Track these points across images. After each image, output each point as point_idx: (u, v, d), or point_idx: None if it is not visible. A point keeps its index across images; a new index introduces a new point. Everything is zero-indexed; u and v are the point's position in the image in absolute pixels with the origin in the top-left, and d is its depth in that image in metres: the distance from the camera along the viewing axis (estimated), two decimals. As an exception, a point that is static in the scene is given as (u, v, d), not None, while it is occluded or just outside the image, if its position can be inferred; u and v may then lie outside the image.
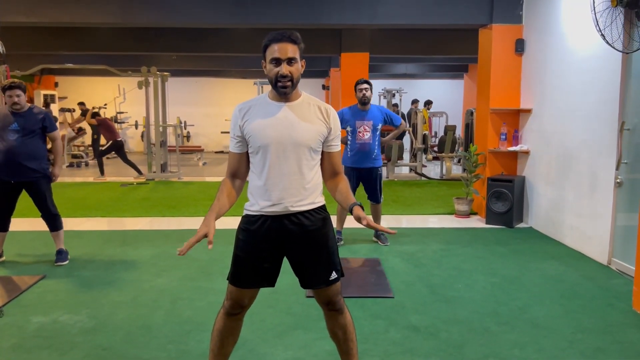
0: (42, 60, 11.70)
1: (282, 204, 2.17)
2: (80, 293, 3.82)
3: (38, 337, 3.05)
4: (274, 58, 2.12)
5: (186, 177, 10.60)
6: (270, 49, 2.14)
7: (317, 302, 2.36)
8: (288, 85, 2.14)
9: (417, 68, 15.49)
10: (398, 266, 4.53)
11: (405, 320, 3.34)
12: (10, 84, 4.29)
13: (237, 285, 2.24)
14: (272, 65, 2.14)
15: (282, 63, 2.12)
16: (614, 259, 4.52)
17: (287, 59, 2.12)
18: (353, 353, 2.36)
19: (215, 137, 18.15)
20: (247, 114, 2.21)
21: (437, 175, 11.12)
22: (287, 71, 2.12)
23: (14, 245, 5.05)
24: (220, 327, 2.29)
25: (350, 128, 5.03)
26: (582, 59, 5.10)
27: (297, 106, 2.21)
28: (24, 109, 4.36)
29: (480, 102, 6.82)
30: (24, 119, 4.33)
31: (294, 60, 2.14)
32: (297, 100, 2.23)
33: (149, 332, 3.13)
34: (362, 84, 5.02)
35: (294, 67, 2.14)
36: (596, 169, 4.82)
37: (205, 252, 4.94)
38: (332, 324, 2.35)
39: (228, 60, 13.96)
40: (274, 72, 2.13)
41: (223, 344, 2.31)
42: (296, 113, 2.19)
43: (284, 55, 2.11)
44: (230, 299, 2.26)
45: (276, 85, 2.14)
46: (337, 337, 2.35)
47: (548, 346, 2.98)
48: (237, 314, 2.29)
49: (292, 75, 2.13)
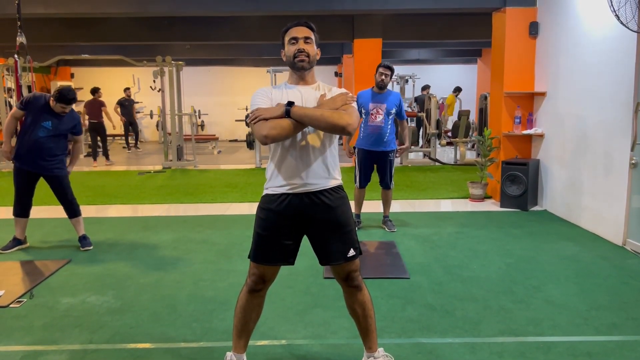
0: (58, 51, 11.84)
1: (303, 183, 2.26)
2: (105, 276, 3.94)
3: (68, 317, 3.17)
4: (292, 37, 2.29)
5: (202, 165, 10.73)
6: (288, 32, 2.33)
7: (337, 280, 2.43)
8: (305, 60, 2.28)
9: (430, 53, 15.42)
10: (413, 248, 4.60)
11: (422, 299, 3.42)
12: (68, 97, 4.31)
13: (258, 261, 2.32)
14: (290, 45, 2.30)
15: (300, 40, 2.28)
16: (629, 240, 4.55)
17: (304, 37, 2.29)
18: (372, 329, 2.44)
19: (229, 126, 18.24)
20: (273, 92, 2.33)
21: (450, 160, 11.12)
22: (303, 46, 2.27)
23: (38, 232, 5.20)
24: (243, 304, 2.38)
25: (364, 110, 5.06)
26: (596, 40, 5.08)
27: (313, 89, 2.33)
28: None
29: (494, 86, 6.82)
30: (59, 121, 4.44)
31: (309, 39, 2.30)
32: (313, 84, 2.36)
33: (174, 312, 3.24)
34: (384, 68, 5.01)
35: (309, 46, 2.29)
36: (611, 150, 4.83)
37: (224, 236, 5.05)
38: (351, 301, 2.42)
39: (241, 48, 14.02)
40: (292, 50, 2.28)
41: (246, 320, 2.40)
42: (314, 94, 2.31)
43: (301, 34, 2.29)
44: (252, 275, 2.35)
45: (294, 61, 2.28)
46: (356, 314, 2.42)
47: (563, 323, 3.04)
48: (259, 291, 2.37)
49: (308, 52, 2.28)
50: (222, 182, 8.46)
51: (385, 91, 5.08)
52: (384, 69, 5.01)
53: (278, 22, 10.59)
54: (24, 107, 4.44)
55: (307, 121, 2.17)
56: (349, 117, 2.18)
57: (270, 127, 2.15)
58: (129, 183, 8.55)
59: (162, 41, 11.22)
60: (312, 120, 2.17)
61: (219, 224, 5.61)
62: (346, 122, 2.16)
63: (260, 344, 2.79)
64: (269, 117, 2.17)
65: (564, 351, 2.68)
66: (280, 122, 2.16)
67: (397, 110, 5.12)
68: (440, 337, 2.87)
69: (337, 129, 2.18)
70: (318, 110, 2.19)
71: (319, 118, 2.16)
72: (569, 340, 2.81)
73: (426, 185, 8.03)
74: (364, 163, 5.18)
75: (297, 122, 2.17)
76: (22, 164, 4.45)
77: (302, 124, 2.18)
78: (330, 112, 2.18)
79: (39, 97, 4.46)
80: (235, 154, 13.50)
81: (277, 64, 15.25)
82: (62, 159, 4.54)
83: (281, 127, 2.15)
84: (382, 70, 5.01)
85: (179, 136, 10.72)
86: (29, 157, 4.41)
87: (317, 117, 2.16)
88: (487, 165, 6.68)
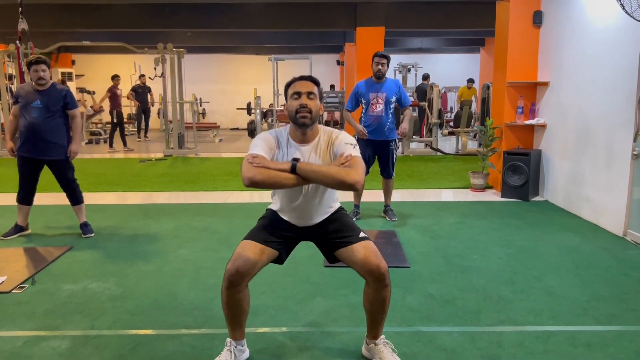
0: (59, 38, 11.80)
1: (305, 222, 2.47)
2: (106, 263, 3.96)
3: (70, 303, 3.19)
4: (295, 92, 2.32)
5: (203, 154, 10.73)
6: (292, 86, 2.35)
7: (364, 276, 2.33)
8: (307, 116, 2.29)
9: (433, 42, 15.34)
10: (414, 238, 4.61)
11: (422, 288, 3.43)
12: (36, 59, 4.38)
13: (250, 238, 2.35)
14: (292, 100, 2.31)
15: (303, 95, 2.30)
16: (630, 231, 4.55)
17: (307, 92, 2.30)
18: (382, 322, 2.45)
19: (230, 114, 18.22)
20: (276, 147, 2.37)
21: (452, 150, 11.11)
22: (306, 102, 2.28)
23: (40, 218, 5.21)
24: (225, 300, 2.32)
25: (364, 100, 5.04)
26: (600, 30, 5.05)
27: (315, 147, 2.37)
28: (48, 85, 4.45)
29: (497, 76, 6.79)
30: (47, 97, 4.42)
31: (313, 94, 2.32)
32: (314, 140, 2.38)
33: (175, 299, 3.26)
34: (380, 58, 4.98)
35: (312, 102, 2.30)
36: (613, 141, 4.81)
37: (225, 225, 5.06)
38: (373, 296, 2.34)
39: (243, 36, 13.95)
40: (294, 105, 2.29)
41: (233, 314, 2.37)
42: (316, 153, 2.36)
43: (305, 89, 2.32)
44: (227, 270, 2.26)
45: (296, 116, 2.29)
46: (373, 307, 2.38)
47: (562, 313, 3.05)
48: (237, 285, 2.26)
49: (311, 108, 2.28)
50: (223, 171, 8.46)
51: (384, 80, 5.05)
52: (379, 58, 4.97)
53: (280, 10, 10.54)
54: (16, 100, 4.48)
55: (313, 177, 2.21)
56: (356, 174, 2.20)
57: (258, 172, 2.17)
58: (130, 171, 8.56)
59: (164, 28, 11.19)
60: (319, 177, 2.20)
61: (220, 212, 5.62)
62: (354, 179, 2.19)
63: (261, 331, 2.80)
64: (274, 168, 2.20)
65: (563, 341, 2.70)
66: (278, 174, 2.19)
67: (397, 98, 5.08)
68: (440, 326, 2.88)
69: (344, 186, 2.20)
70: (325, 167, 2.23)
71: (326, 175, 2.19)
72: (568, 330, 2.82)
73: (427, 175, 8.03)
74: (365, 153, 5.15)
75: (301, 178, 2.21)
76: (23, 151, 4.45)
77: (305, 180, 2.22)
78: (337, 169, 2.21)
79: (25, 84, 4.57)
80: (236, 143, 13.50)
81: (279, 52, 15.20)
82: (63, 144, 4.52)
83: (271, 177, 2.18)
84: (377, 59, 4.98)
85: (180, 124, 10.71)
86: (28, 144, 4.41)
87: (324, 174, 2.19)
88: (488, 155, 6.67)
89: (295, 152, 2.34)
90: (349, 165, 2.23)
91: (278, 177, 2.18)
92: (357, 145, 2.36)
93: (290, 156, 2.34)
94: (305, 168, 2.19)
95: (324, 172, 2.19)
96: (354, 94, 5.15)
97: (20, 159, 4.49)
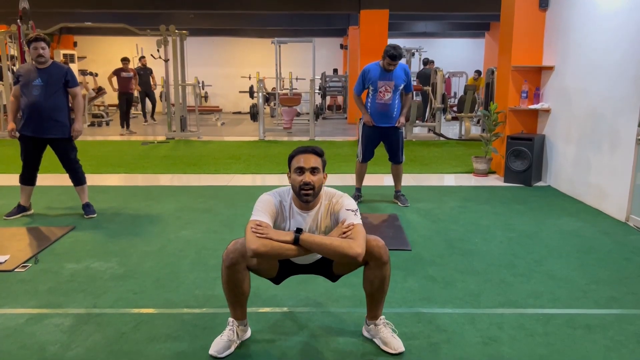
0: (61, 18, 11.72)
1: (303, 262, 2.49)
2: (109, 243, 3.97)
3: (72, 282, 3.21)
4: (298, 167, 2.32)
5: (205, 137, 10.71)
6: (296, 159, 2.35)
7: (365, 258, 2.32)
8: (310, 194, 2.31)
9: (438, 26, 15.22)
10: (416, 221, 4.61)
11: (423, 271, 3.44)
12: (35, 36, 4.37)
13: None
14: (296, 174, 2.33)
15: (306, 172, 2.30)
16: (632, 216, 4.54)
17: (311, 168, 2.32)
18: (382, 301, 2.47)
19: (232, 98, 18.16)
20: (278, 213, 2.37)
21: (455, 135, 11.07)
22: (309, 179, 2.29)
23: (42, 199, 5.23)
24: (226, 279, 2.35)
25: (372, 87, 4.96)
26: (607, 15, 4.99)
27: (316, 215, 2.39)
28: (48, 63, 4.43)
29: (501, 60, 6.74)
30: (47, 75, 4.41)
31: (316, 170, 2.33)
32: (316, 207, 2.39)
33: (177, 279, 3.27)
34: (390, 60, 4.76)
35: (316, 177, 2.32)
36: (618, 126, 4.79)
37: (227, 207, 5.07)
38: (373, 275, 2.36)
39: (246, 18, 13.85)
40: (298, 181, 2.31)
41: (234, 293, 2.39)
42: (315, 223, 2.38)
43: (308, 164, 2.32)
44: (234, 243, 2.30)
45: (300, 193, 2.31)
46: (373, 286, 2.39)
47: (563, 296, 3.06)
48: (235, 264, 2.29)
49: (314, 184, 2.30)
50: (226, 154, 8.45)
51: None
52: (390, 60, 4.77)
53: None
54: (17, 80, 4.47)
55: (316, 249, 2.22)
56: (357, 247, 2.19)
57: (262, 244, 2.17)
58: (132, 153, 8.56)
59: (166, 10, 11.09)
60: (322, 249, 2.21)
61: (222, 194, 5.63)
62: (355, 252, 2.17)
63: (262, 311, 2.82)
64: (277, 240, 2.20)
65: (563, 323, 2.71)
66: (282, 246, 2.19)
67: (405, 84, 5.01)
68: (440, 307, 2.89)
69: (346, 259, 2.20)
70: (327, 239, 2.23)
71: (329, 247, 2.19)
72: (568, 313, 2.83)
73: (430, 159, 8.01)
74: (370, 139, 5.13)
75: (302, 249, 2.21)
76: (25, 130, 4.44)
77: (307, 251, 2.23)
78: (339, 241, 2.20)
79: (26, 63, 4.60)
80: (238, 126, 13.47)
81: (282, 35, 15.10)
82: (65, 123, 4.51)
83: (275, 248, 2.18)
84: (388, 61, 4.78)
85: (182, 107, 10.68)
86: (30, 122, 4.40)
87: (327, 247, 2.20)
88: (492, 140, 6.65)
89: (299, 221, 2.36)
90: (350, 235, 2.23)
91: (281, 248, 2.20)
92: (358, 211, 2.35)
93: (292, 223, 2.36)
94: (308, 240, 2.20)
95: (326, 244, 2.20)
96: (362, 77, 5.04)
97: (23, 138, 4.49)
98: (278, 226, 2.38)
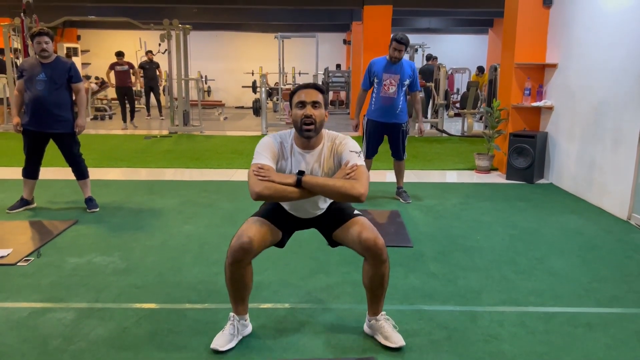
0: (64, 11, 11.71)
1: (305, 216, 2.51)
2: (111, 237, 3.98)
3: (75, 276, 3.22)
4: (299, 101, 2.30)
5: (208, 131, 10.71)
6: (297, 94, 2.33)
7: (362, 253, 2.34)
8: (311, 129, 2.29)
9: (441, 22, 15.16)
10: (417, 218, 4.61)
11: (425, 267, 3.44)
12: (39, 31, 4.36)
13: (256, 216, 2.36)
14: (297, 109, 2.31)
15: (307, 105, 2.28)
16: (634, 214, 4.54)
17: (312, 102, 2.29)
18: (382, 298, 2.47)
19: (235, 93, 18.14)
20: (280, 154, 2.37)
21: (458, 131, 11.05)
22: (311, 112, 2.27)
23: (45, 193, 5.24)
24: (229, 276, 2.35)
25: (377, 80, 4.95)
26: (611, 12, 4.97)
27: (318, 154, 2.37)
28: (51, 58, 4.43)
29: (505, 57, 6.72)
30: (51, 69, 4.41)
31: (318, 104, 2.31)
32: (318, 147, 2.38)
33: (179, 273, 3.28)
34: (398, 44, 4.77)
35: (317, 111, 2.30)
36: (621, 124, 4.77)
37: (229, 202, 5.08)
38: (372, 272, 2.36)
39: (249, 13, 13.81)
40: (299, 115, 2.30)
41: (236, 289, 2.39)
42: (318, 162, 2.37)
43: (309, 98, 2.30)
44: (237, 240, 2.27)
45: (301, 128, 2.30)
46: (373, 283, 2.39)
47: (564, 294, 3.06)
48: (240, 261, 2.28)
49: (315, 118, 2.28)
50: (228, 149, 8.46)
51: (399, 61, 4.95)
52: (397, 44, 4.77)
53: None
54: (20, 74, 4.47)
55: (318, 191, 2.23)
56: (361, 187, 2.22)
57: (265, 187, 2.20)
58: (135, 147, 8.56)
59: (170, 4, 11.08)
60: (324, 190, 2.23)
61: (225, 189, 5.63)
62: (359, 192, 2.20)
63: (264, 307, 2.82)
64: (279, 182, 2.21)
65: (564, 321, 2.71)
66: (285, 188, 2.22)
67: (411, 81, 5.00)
68: (442, 304, 2.90)
69: (349, 199, 2.23)
70: (330, 180, 2.25)
71: (332, 188, 2.22)
72: (569, 311, 2.83)
73: (432, 156, 8.00)
74: (374, 135, 5.11)
75: (305, 191, 2.22)
76: (28, 124, 4.45)
77: (310, 193, 2.24)
78: (342, 182, 2.22)
79: (29, 58, 4.58)
80: (241, 121, 13.46)
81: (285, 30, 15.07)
82: (69, 118, 4.52)
83: (278, 191, 2.21)
84: (395, 45, 4.78)
85: (185, 101, 10.67)
86: (34, 117, 4.41)
87: (330, 188, 2.22)
88: (494, 137, 6.64)
89: (300, 161, 2.36)
90: (354, 176, 2.25)
91: (285, 191, 2.22)
92: (362, 153, 2.37)
93: (294, 164, 2.36)
94: (310, 182, 2.22)
95: (329, 185, 2.21)
96: (368, 70, 5.03)
97: (26, 132, 4.50)
98: (280, 168, 2.37)
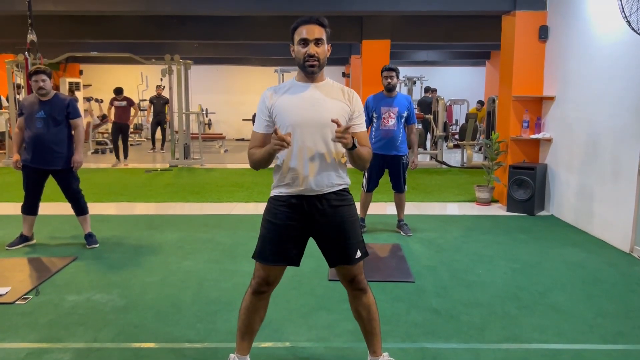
0: (67, 48, 11.90)
1: (310, 186, 2.25)
2: (110, 274, 3.95)
3: (73, 315, 3.18)
4: (302, 39, 2.22)
5: (208, 164, 10.75)
6: (299, 30, 2.24)
7: (342, 283, 2.42)
8: (315, 65, 2.23)
9: (439, 55, 15.37)
10: (419, 251, 4.59)
11: (426, 303, 3.41)
12: (36, 69, 4.42)
13: (263, 261, 2.31)
14: (300, 46, 2.23)
15: (310, 43, 2.21)
16: (637, 247, 4.51)
17: (315, 40, 2.22)
18: (376, 332, 2.43)
19: (236, 125, 18.27)
20: (275, 94, 2.31)
21: (457, 163, 11.09)
22: (314, 51, 2.21)
23: (45, 228, 5.22)
24: (247, 305, 2.37)
25: (376, 114, 5.01)
26: (607, 46, 5.05)
27: (322, 86, 2.31)
28: (50, 95, 4.47)
29: (502, 90, 6.79)
30: (50, 107, 4.45)
31: (320, 41, 2.23)
32: (322, 81, 2.33)
33: (178, 312, 3.25)
34: (388, 71, 4.96)
35: (320, 48, 2.24)
36: (620, 155, 4.79)
37: (229, 236, 5.06)
38: (356, 304, 2.41)
39: (249, 48, 14.02)
40: (302, 53, 2.23)
41: (250, 322, 2.39)
42: (322, 91, 2.29)
43: (312, 36, 2.21)
44: (257, 277, 2.33)
45: (304, 65, 2.24)
46: (361, 316, 2.41)
47: (568, 330, 3.02)
48: (263, 293, 2.36)
49: (318, 55, 2.23)
50: (229, 182, 8.47)
51: (395, 94, 5.03)
52: (387, 72, 4.97)
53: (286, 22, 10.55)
54: (20, 112, 4.53)
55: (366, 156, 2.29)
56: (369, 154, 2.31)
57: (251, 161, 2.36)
58: (135, 181, 8.58)
59: (171, 39, 11.26)
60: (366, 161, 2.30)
61: (225, 223, 5.62)
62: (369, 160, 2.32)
63: (264, 346, 2.78)
64: None
65: (569, 359, 2.67)
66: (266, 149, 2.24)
67: (408, 114, 5.07)
68: (445, 342, 2.86)
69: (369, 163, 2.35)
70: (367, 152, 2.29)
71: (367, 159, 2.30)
72: (574, 348, 2.79)
73: (432, 187, 8.01)
74: (375, 168, 5.12)
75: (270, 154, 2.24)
76: (28, 161, 4.47)
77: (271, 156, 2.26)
78: (368, 151, 2.30)
79: (30, 96, 4.62)
80: (242, 153, 13.52)
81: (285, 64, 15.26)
82: (67, 154, 4.53)
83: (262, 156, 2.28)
84: (386, 73, 4.97)
85: (186, 135, 10.75)
86: (34, 154, 4.43)
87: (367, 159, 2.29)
88: (494, 168, 6.66)
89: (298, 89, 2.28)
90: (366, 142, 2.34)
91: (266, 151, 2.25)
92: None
93: (295, 94, 2.27)
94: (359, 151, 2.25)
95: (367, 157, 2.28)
96: (365, 108, 5.10)
97: (25, 169, 4.52)
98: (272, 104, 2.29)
